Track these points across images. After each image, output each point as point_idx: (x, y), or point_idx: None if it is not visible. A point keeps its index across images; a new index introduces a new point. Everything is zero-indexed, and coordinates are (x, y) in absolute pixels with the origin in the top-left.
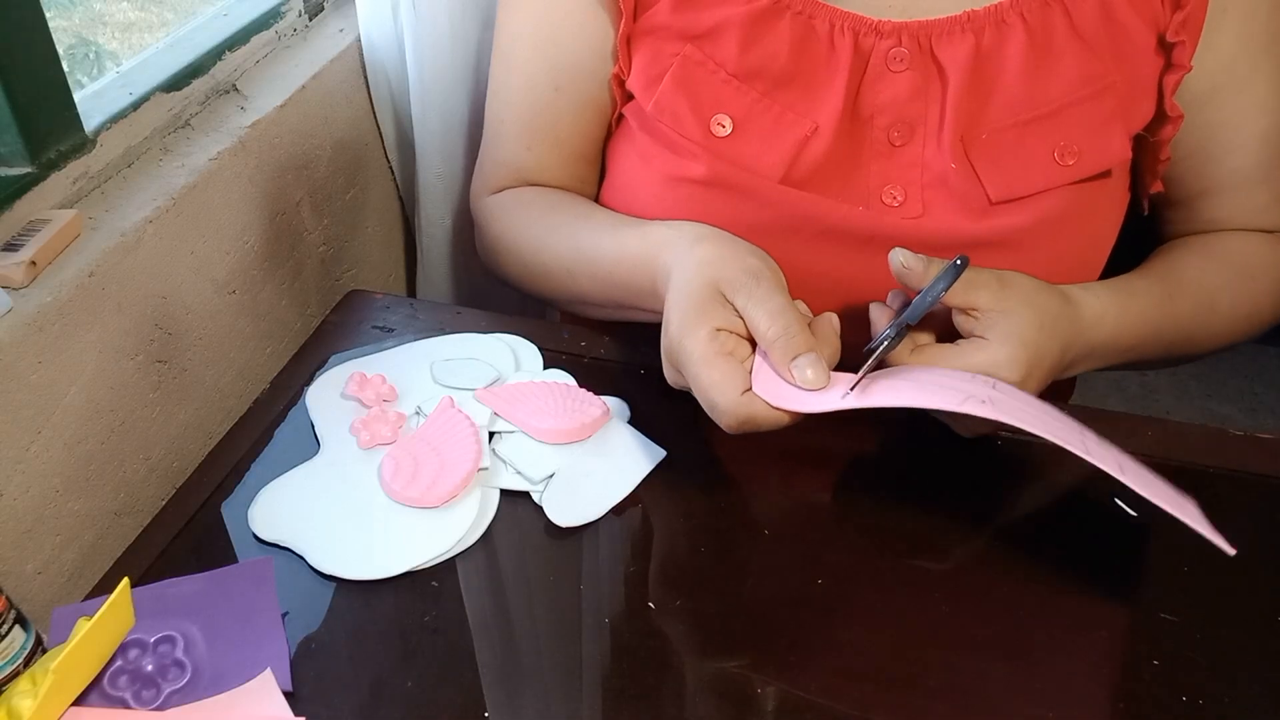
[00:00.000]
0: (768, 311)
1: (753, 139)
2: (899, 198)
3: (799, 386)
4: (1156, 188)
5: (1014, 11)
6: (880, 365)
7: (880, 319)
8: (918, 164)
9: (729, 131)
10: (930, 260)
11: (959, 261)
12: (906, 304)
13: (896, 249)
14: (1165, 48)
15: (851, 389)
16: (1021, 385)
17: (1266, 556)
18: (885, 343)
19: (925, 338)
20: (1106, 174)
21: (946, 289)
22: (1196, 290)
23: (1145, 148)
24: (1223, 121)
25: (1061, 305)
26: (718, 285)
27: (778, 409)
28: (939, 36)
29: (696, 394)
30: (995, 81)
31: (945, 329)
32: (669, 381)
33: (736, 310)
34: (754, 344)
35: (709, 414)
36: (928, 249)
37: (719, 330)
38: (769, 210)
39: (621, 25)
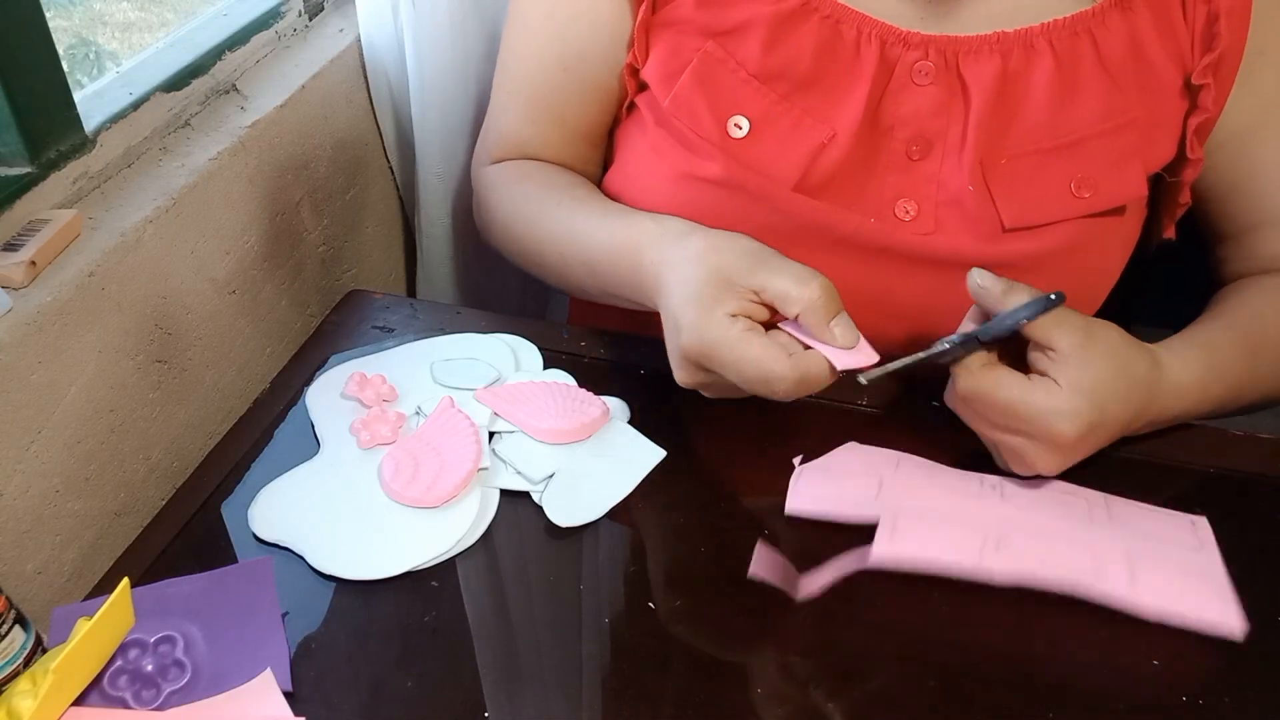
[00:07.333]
0: (795, 278)
1: (769, 142)
2: (911, 212)
3: (836, 347)
4: (1169, 233)
5: (1043, 38)
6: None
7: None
8: (934, 180)
9: (745, 133)
10: (1010, 285)
11: (1054, 297)
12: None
13: (975, 269)
14: (1191, 90)
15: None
16: (1077, 442)
17: (1266, 556)
18: (945, 348)
19: (991, 357)
20: (1120, 210)
21: (1030, 319)
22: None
23: (1165, 189)
24: (1267, 157)
25: (1149, 370)
26: (723, 272)
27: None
28: (966, 54)
29: (739, 377)
30: (1019, 106)
31: (1017, 358)
32: (681, 382)
33: (752, 291)
34: (768, 327)
35: (762, 389)
36: (935, 267)
37: (734, 316)
38: (780, 216)
39: (640, 15)
